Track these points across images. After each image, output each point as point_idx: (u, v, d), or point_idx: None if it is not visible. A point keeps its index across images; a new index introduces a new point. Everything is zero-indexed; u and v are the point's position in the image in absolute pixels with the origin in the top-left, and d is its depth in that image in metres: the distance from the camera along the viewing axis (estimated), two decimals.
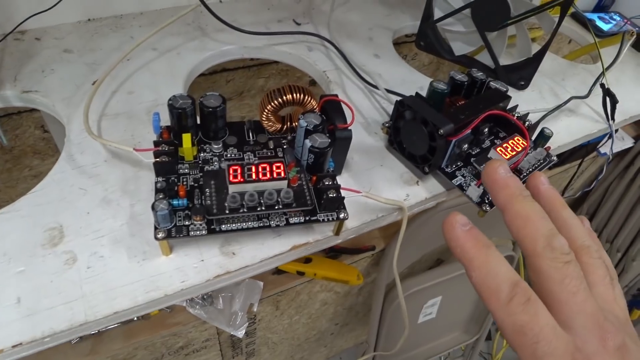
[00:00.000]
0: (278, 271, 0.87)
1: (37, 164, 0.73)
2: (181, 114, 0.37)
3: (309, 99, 0.38)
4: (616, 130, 0.97)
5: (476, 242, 0.24)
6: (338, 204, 0.36)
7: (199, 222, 0.34)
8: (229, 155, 0.38)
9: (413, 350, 1.17)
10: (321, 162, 0.36)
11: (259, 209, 0.33)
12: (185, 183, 0.36)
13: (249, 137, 0.40)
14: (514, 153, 0.44)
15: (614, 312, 0.24)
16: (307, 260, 0.87)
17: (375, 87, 0.51)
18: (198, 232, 0.34)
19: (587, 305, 0.22)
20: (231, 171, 0.34)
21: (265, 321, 0.95)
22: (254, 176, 0.34)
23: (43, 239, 0.36)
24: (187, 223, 0.34)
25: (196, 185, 0.36)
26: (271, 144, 0.40)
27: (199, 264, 0.36)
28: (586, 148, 1.02)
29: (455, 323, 1.20)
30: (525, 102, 0.59)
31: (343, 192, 0.36)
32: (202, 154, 0.38)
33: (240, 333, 0.83)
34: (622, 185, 1.12)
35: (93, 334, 0.79)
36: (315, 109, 0.39)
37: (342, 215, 0.36)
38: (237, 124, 0.41)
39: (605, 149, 1.04)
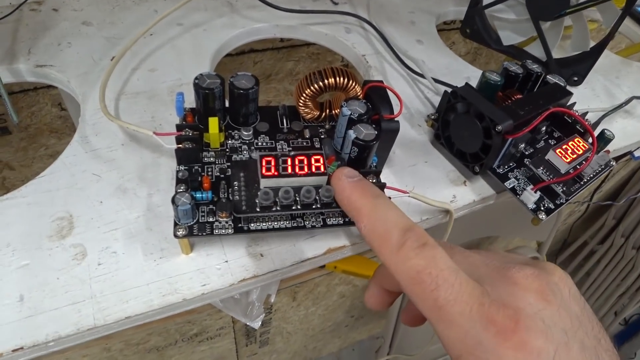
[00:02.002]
0: None
1: (53, 143, 0.69)
2: (208, 94, 0.33)
3: (354, 84, 0.33)
4: None
5: (363, 191, 0.22)
6: None
7: (225, 220, 0.30)
8: (260, 143, 0.34)
9: (426, 346, 1.14)
10: (365, 156, 0.32)
11: (294, 207, 0.29)
12: (210, 174, 0.32)
13: (282, 124, 0.36)
14: (575, 156, 0.39)
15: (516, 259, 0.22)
16: None
17: (421, 75, 0.46)
18: (223, 231, 0.30)
19: (488, 258, 0.21)
20: (264, 162, 0.30)
21: (282, 312, 0.92)
22: (289, 170, 0.30)
23: (50, 230, 0.32)
24: (211, 220, 0.30)
25: (222, 176, 0.32)
26: (307, 133, 0.35)
27: (222, 266, 0.32)
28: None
29: None
30: (577, 100, 0.54)
31: (387, 192, 0.32)
32: (229, 141, 0.34)
33: (257, 324, 0.80)
34: None
35: None
36: (359, 95, 0.34)
37: None
38: (269, 109, 0.37)
39: (639, 152, 0.98)
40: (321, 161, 0.30)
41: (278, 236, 0.33)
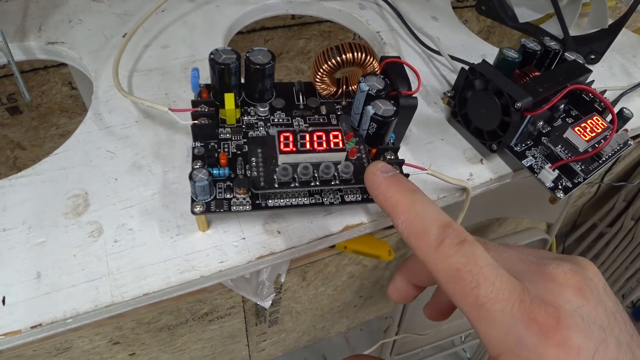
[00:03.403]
0: None
1: (64, 123, 0.69)
2: (224, 70, 0.32)
3: (371, 59, 0.33)
4: None
5: (400, 186, 0.22)
6: None
7: (242, 196, 0.30)
8: (276, 120, 0.34)
9: (435, 327, 1.15)
10: (383, 133, 0.31)
11: (312, 183, 0.29)
12: (227, 150, 0.32)
13: (298, 100, 0.35)
14: (594, 134, 0.39)
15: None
16: None
17: (437, 52, 0.45)
18: (241, 207, 0.30)
19: (523, 253, 0.21)
20: (282, 138, 0.29)
21: (291, 291, 0.93)
22: (308, 145, 0.29)
23: (66, 207, 0.32)
24: (228, 196, 0.30)
25: (239, 152, 0.32)
26: (323, 110, 0.35)
27: (239, 243, 0.32)
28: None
29: None
30: (595, 78, 0.53)
31: (406, 169, 0.32)
32: (245, 117, 0.34)
33: (267, 303, 0.81)
34: None
35: None
36: (377, 71, 0.34)
37: None
38: (285, 85, 0.36)
39: None
40: (340, 137, 0.30)
41: (295, 213, 0.33)
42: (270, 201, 0.30)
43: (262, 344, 1.12)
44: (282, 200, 0.30)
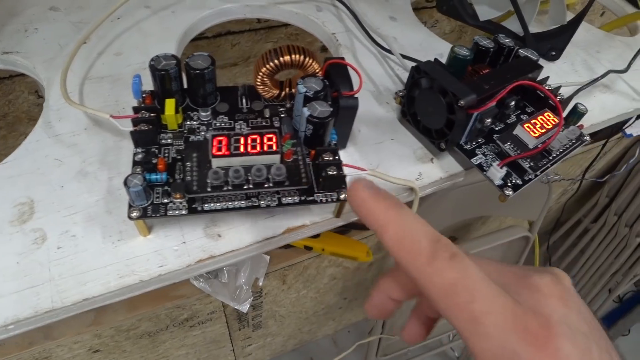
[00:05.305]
0: (285, 245, 0.84)
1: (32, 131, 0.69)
2: (164, 76, 0.33)
3: (310, 61, 0.33)
4: None
5: (386, 202, 0.21)
6: (338, 182, 0.31)
7: (179, 200, 0.30)
8: (218, 124, 0.34)
9: None
10: (321, 134, 0.31)
11: (245, 187, 0.29)
12: (167, 155, 0.32)
13: (242, 104, 0.35)
14: (544, 130, 0.39)
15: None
16: (315, 235, 0.83)
17: (389, 51, 0.45)
18: (177, 212, 0.30)
19: (504, 266, 0.21)
20: (215, 142, 0.30)
21: (272, 295, 0.92)
22: (241, 149, 0.29)
23: (12, 215, 0.32)
24: (165, 201, 0.30)
25: (179, 157, 0.32)
26: (267, 113, 0.35)
27: (180, 247, 0.32)
28: (611, 128, 0.96)
29: None
30: (555, 74, 0.53)
31: (346, 170, 0.32)
32: (188, 122, 0.34)
33: (245, 307, 0.81)
34: None
35: None
36: (318, 73, 0.34)
37: (342, 196, 0.31)
38: (230, 89, 0.36)
39: (631, 130, 0.97)
40: (274, 139, 0.30)
41: (237, 216, 0.33)
42: (206, 205, 0.30)
43: (247, 349, 1.12)
44: (218, 204, 0.30)
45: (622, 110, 0.52)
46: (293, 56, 0.32)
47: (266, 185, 0.29)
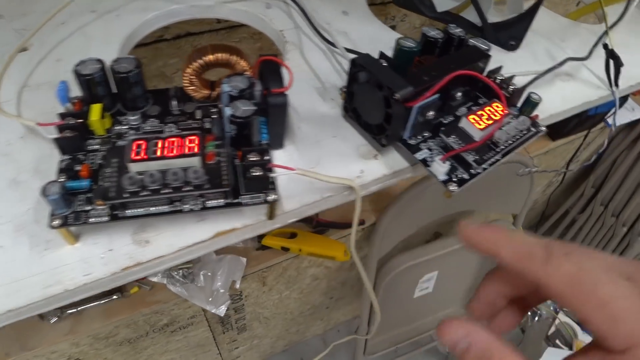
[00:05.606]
0: (262, 247, 0.83)
1: None
2: (89, 81, 0.32)
3: (237, 59, 0.32)
4: (625, 99, 0.89)
5: (492, 228, 0.23)
6: (264, 183, 0.30)
7: (101, 207, 0.29)
8: (147, 127, 0.33)
9: (410, 324, 1.14)
10: (246, 134, 0.31)
11: (163, 191, 0.28)
12: (93, 161, 0.31)
13: (172, 106, 0.35)
14: (491, 122, 0.38)
15: None
16: (292, 235, 0.83)
17: (334, 45, 0.44)
18: (99, 219, 0.29)
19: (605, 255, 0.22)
20: (134, 147, 0.29)
21: (253, 297, 0.92)
22: (159, 152, 0.29)
23: None
24: (87, 208, 0.29)
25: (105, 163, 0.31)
26: (198, 114, 0.34)
27: (106, 254, 0.31)
28: (593, 119, 0.95)
29: (453, 297, 1.15)
30: (516, 64, 0.52)
31: (277, 169, 0.31)
32: (117, 127, 0.33)
33: (221, 311, 0.80)
34: (631, 158, 1.05)
35: (72, 313, 0.77)
36: (247, 71, 0.33)
37: (270, 198, 0.30)
38: (162, 92, 0.35)
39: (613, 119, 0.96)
40: (196, 142, 0.29)
41: (166, 221, 0.32)
42: (129, 211, 0.29)
43: (235, 352, 1.11)
44: (140, 210, 0.29)
45: (585, 99, 0.51)
46: (217, 55, 0.31)
47: (185, 189, 0.28)
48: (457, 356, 0.23)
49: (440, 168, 0.35)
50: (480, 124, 0.37)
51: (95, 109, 0.32)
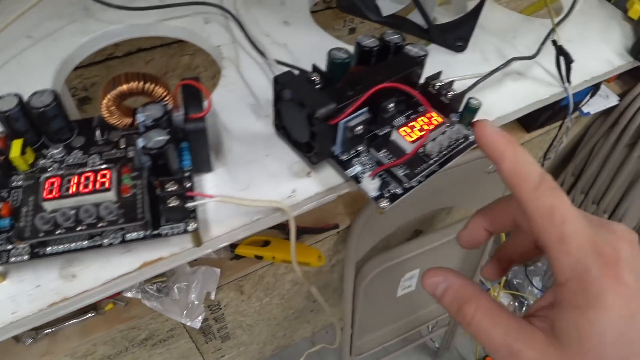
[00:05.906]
0: (236, 256, 0.83)
1: None
2: (7, 118, 0.32)
3: (152, 86, 0.32)
4: (597, 87, 0.89)
5: (505, 139, 0.25)
6: (184, 213, 0.30)
7: (22, 246, 0.29)
8: (71, 160, 0.33)
9: (396, 322, 1.14)
10: (163, 163, 0.31)
11: (78, 228, 0.28)
12: (16, 198, 0.31)
13: (97, 136, 0.34)
14: (423, 133, 0.38)
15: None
16: (265, 243, 0.83)
17: (264, 55, 0.44)
18: (19, 258, 0.29)
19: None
20: (47, 185, 0.29)
21: (232, 306, 0.92)
22: (72, 189, 0.29)
23: None
24: (9, 247, 0.29)
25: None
26: (122, 143, 0.34)
27: (34, 291, 0.31)
28: (567, 109, 0.95)
29: None
30: (464, 66, 0.51)
31: (198, 198, 0.31)
32: (41, 161, 0.33)
33: (197, 324, 0.80)
34: (608, 145, 1.05)
35: (47, 333, 0.77)
36: (167, 98, 0.33)
37: (190, 227, 0.30)
38: (87, 122, 0.35)
39: (587, 108, 0.96)
40: (107, 176, 0.29)
41: (92, 254, 0.32)
42: (49, 248, 0.29)
43: (222, 359, 1.11)
44: (60, 246, 0.29)
45: (536, 97, 0.51)
46: (130, 85, 0.31)
47: (100, 225, 0.28)
48: (437, 299, 0.27)
49: (370, 185, 0.35)
50: (411, 136, 0.37)
51: (16, 145, 0.32)
